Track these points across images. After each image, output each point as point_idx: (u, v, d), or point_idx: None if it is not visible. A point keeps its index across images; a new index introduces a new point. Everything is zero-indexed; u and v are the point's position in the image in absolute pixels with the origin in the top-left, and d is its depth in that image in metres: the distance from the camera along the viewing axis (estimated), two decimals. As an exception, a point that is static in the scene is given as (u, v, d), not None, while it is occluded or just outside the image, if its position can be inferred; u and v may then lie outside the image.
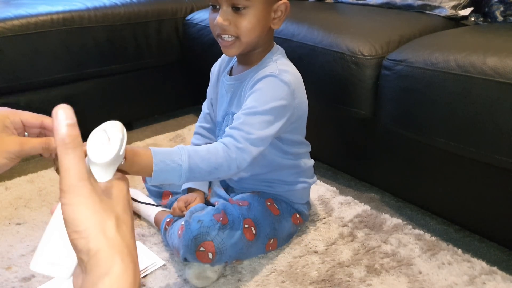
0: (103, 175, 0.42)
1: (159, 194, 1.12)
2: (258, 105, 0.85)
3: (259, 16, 0.84)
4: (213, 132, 1.08)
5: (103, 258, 0.34)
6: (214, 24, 0.85)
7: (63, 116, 0.35)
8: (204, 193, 1.04)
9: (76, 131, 0.35)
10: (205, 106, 1.10)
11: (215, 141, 0.85)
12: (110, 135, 0.43)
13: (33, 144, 0.54)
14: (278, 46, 0.95)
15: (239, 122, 0.84)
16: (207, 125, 1.10)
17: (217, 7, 0.84)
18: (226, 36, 0.85)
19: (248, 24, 0.83)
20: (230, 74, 0.99)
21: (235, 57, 0.97)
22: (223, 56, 1.04)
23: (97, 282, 0.33)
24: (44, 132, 0.58)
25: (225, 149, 0.80)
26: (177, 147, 0.77)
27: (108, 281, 0.33)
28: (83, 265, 0.35)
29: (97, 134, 0.43)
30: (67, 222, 0.35)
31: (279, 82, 0.86)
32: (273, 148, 0.95)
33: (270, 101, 0.85)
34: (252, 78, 0.90)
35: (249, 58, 0.92)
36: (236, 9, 0.82)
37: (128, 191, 0.42)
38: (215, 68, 1.06)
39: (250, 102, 0.86)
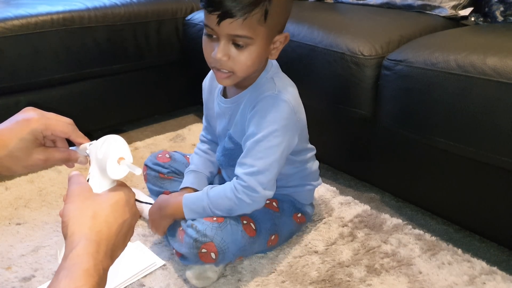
0: (106, 185, 0.60)
1: (159, 193, 1.11)
2: (258, 131, 0.84)
3: (259, 52, 0.80)
4: (214, 142, 1.08)
5: (75, 237, 0.51)
6: (211, 56, 0.80)
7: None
8: None
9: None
10: (204, 118, 1.10)
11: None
12: (123, 155, 0.58)
13: (56, 159, 0.66)
14: (271, 61, 0.91)
15: (242, 155, 0.87)
16: (208, 136, 1.10)
17: (214, 36, 0.79)
18: (222, 69, 0.81)
19: (247, 61, 0.79)
20: (224, 93, 0.96)
21: None
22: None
23: (68, 253, 0.50)
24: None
25: (233, 190, 0.86)
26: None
27: (75, 251, 0.50)
28: (66, 243, 0.52)
29: (113, 154, 0.57)
30: (61, 215, 0.54)
31: (279, 102, 0.84)
32: None
33: (270, 124, 0.84)
34: (251, 100, 0.88)
35: (243, 80, 0.87)
36: (236, 45, 0.78)
37: (127, 194, 0.59)
38: (205, 84, 1.03)
39: (251, 127, 0.86)
